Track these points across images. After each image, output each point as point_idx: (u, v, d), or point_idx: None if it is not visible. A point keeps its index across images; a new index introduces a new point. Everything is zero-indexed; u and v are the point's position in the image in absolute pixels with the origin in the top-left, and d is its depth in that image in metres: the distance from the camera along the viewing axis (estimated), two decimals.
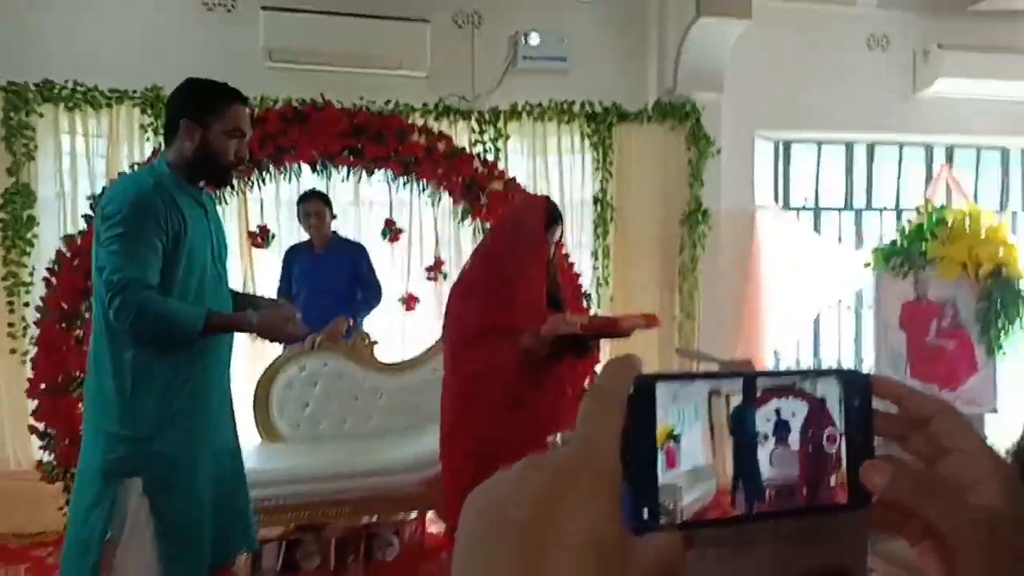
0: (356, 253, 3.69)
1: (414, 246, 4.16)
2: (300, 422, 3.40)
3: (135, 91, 3.80)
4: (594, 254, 4.36)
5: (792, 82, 4.78)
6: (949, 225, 3.98)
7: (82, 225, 3.43)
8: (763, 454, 0.38)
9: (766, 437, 0.38)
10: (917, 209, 4.34)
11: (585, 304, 3.94)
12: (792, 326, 4.79)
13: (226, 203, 3.59)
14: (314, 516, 2.86)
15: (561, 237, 2.41)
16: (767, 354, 4.69)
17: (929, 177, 5.20)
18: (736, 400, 0.37)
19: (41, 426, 3.22)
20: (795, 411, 0.38)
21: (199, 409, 1.96)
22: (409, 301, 4.18)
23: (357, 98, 3.90)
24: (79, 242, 3.33)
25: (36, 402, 3.23)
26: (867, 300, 4.83)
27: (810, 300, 4.75)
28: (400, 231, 4.09)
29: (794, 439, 0.38)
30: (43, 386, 3.22)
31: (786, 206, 5.08)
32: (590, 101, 4.37)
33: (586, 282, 4.10)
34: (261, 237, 3.89)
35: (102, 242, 1.84)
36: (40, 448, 3.28)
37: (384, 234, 4.06)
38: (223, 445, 2.07)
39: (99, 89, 3.77)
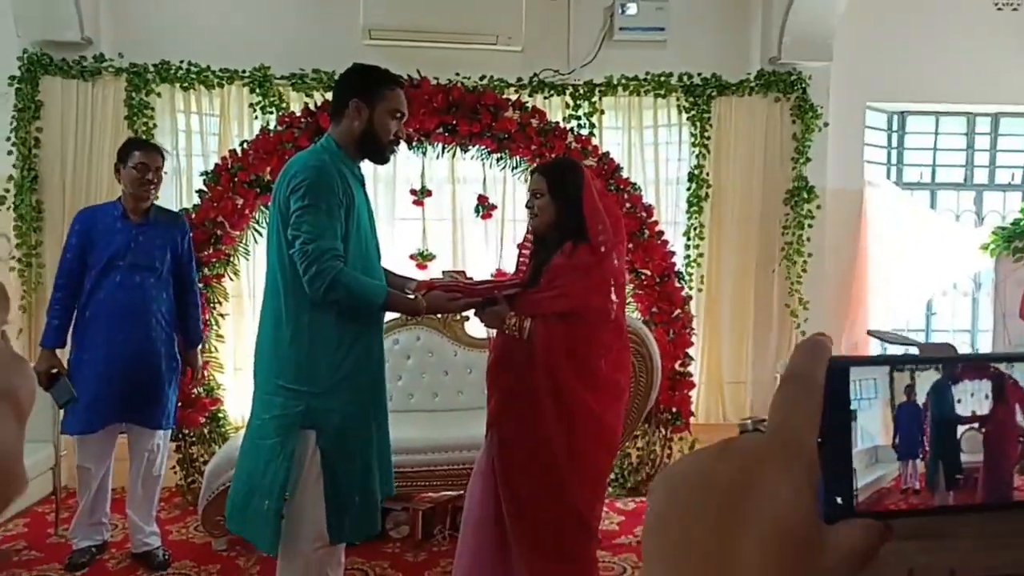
0: (181, 229, 3.05)
1: (507, 222, 4.18)
2: (392, 394, 3.51)
3: (244, 71, 3.97)
4: (686, 233, 4.26)
5: (908, 49, 4.47)
6: None
7: (196, 199, 3.63)
8: (960, 437, 0.35)
9: (963, 419, 0.35)
10: None
11: (678, 284, 3.87)
12: (902, 311, 4.54)
13: None
14: (403, 487, 2.96)
15: (541, 192, 2.19)
16: (872, 341, 4.47)
17: None
18: (924, 375, 0.35)
19: None
20: (997, 394, 0.35)
21: (366, 369, 2.10)
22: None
23: (453, 74, 3.93)
24: (193, 216, 3.53)
25: None
26: (985, 286, 4.52)
27: (922, 283, 4.48)
28: (493, 207, 4.12)
29: (995, 424, 0.35)
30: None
31: (900, 183, 4.79)
32: (688, 73, 4.23)
33: (679, 261, 4.02)
34: None
35: (292, 212, 1.97)
36: None
37: (477, 210, 4.10)
38: (383, 404, 2.20)
39: (211, 69, 3.96)
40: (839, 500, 0.33)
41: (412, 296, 2.16)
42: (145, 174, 2.88)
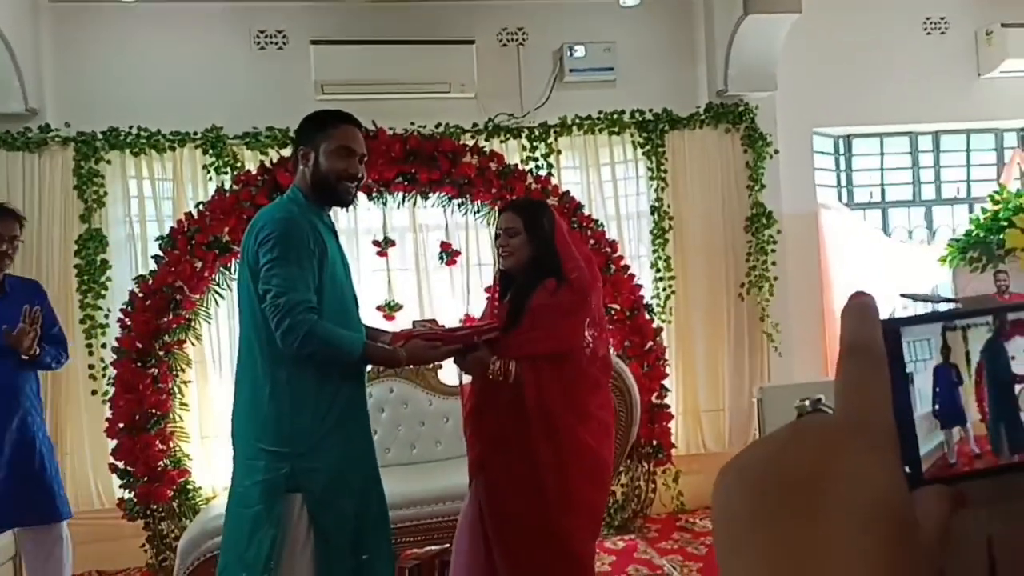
0: (41, 295, 2.85)
1: (472, 267, 4.15)
2: None
3: (196, 132, 3.92)
4: (653, 265, 4.28)
5: (848, 74, 4.64)
6: None
7: (152, 266, 3.54)
8: (1019, 395, 0.34)
9: (1020, 377, 0.34)
10: (990, 197, 4.13)
11: (648, 316, 3.87)
12: None
13: None
14: None
15: (517, 230, 2.20)
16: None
17: (1001, 164, 4.97)
18: (976, 334, 0.33)
19: (121, 464, 3.32)
20: None
21: (350, 424, 2.01)
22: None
23: (408, 123, 3.93)
24: (151, 282, 3.44)
25: (115, 441, 3.32)
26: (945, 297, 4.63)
27: (883, 301, 4.57)
28: (457, 253, 4.09)
29: None
30: (121, 425, 3.31)
31: (851, 204, 4.92)
32: (640, 109, 4.31)
33: (647, 294, 4.03)
34: None
35: (262, 266, 1.91)
36: (120, 487, 3.38)
37: (441, 258, 4.08)
38: (372, 463, 2.09)
39: (162, 133, 3.90)
40: (907, 469, 0.31)
41: (390, 347, 2.10)
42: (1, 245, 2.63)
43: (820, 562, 0.27)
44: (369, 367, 3.36)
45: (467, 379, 2.32)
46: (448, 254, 4.08)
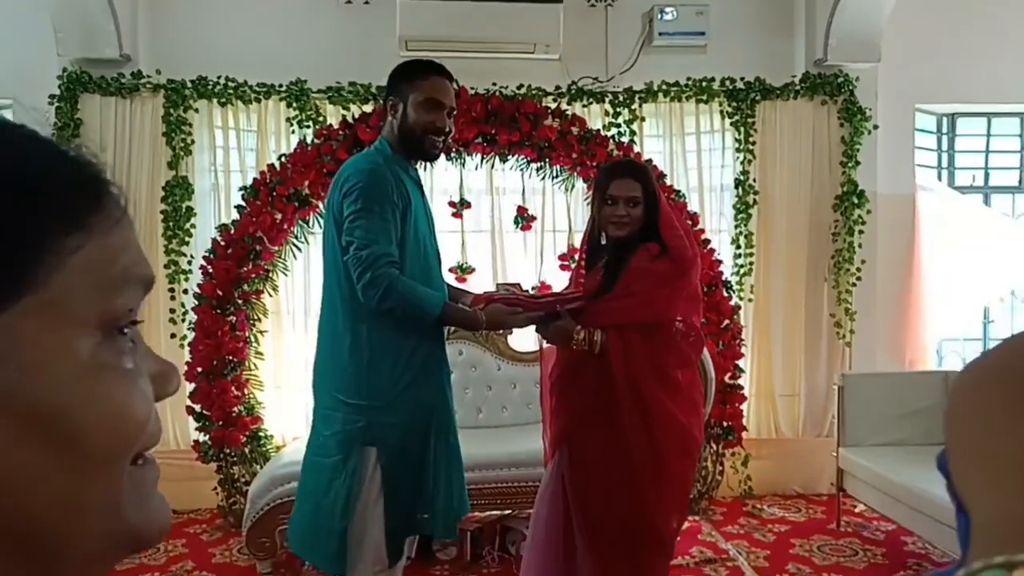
0: None
1: (547, 234, 4.08)
2: None
3: (281, 85, 3.94)
4: (734, 241, 4.13)
5: (957, 49, 4.32)
6: None
7: (235, 215, 3.59)
8: None
9: None
10: None
11: (726, 293, 3.74)
12: (957, 320, 4.36)
13: None
14: None
15: (638, 200, 2.04)
16: (929, 351, 4.30)
17: None
18: None
19: (197, 408, 3.42)
20: None
21: (428, 382, 2.00)
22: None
23: (490, 84, 3.86)
24: (232, 231, 3.49)
25: (193, 385, 3.42)
26: None
27: (978, 291, 4.30)
28: (533, 218, 4.03)
29: None
30: (199, 369, 3.41)
31: (951, 186, 4.62)
32: (731, 77, 4.12)
33: (727, 270, 3.89)
34: None
35: (345, 217, 1.90)
36: (196, 429, 3.49)
37: (516, 222, 4.02)
38: (450, 418, 2.08)
39: (248, 84, 3.93)
40: None
41: (470, 309, 2.06)
42: None
43: None
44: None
45: (548, 345, 2.27)
46: (523, 219, 4.02)
